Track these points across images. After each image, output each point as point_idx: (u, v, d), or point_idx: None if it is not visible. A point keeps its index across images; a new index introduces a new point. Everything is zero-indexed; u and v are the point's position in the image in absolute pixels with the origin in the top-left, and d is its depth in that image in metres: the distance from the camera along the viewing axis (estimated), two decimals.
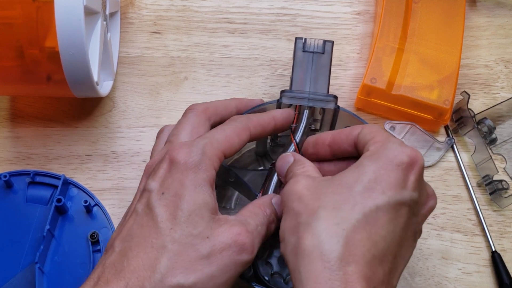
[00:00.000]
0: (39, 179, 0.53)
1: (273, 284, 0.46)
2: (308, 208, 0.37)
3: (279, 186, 0.45)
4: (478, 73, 0.59)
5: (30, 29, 0.47)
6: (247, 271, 0.44)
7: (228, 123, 0.45)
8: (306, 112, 0.47)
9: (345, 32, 0.61)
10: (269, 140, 0.52)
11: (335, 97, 0.48)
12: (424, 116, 0.55)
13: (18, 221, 0.51)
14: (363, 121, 0.48)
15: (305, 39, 0.49)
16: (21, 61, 0.48)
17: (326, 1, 0.62)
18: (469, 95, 0.55)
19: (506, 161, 0.56)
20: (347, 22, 0.61)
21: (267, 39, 0.60)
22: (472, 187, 0.55)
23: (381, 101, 0.56)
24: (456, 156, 0.56)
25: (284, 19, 0.61)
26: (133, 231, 0.39)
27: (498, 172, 0.54)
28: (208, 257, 0.38)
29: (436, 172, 0.56)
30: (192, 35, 0.60)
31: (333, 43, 0.49)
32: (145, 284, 0.37)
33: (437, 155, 0.56)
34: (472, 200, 0.55)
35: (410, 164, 0.38)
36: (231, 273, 0.39)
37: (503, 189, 0.54)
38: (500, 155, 0.57)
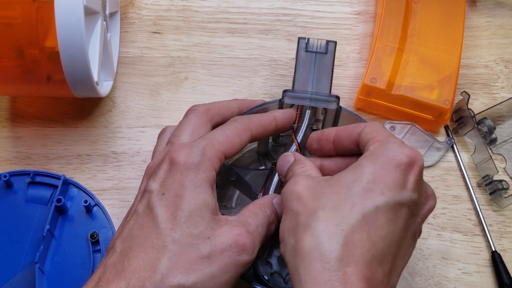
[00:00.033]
0: (39, 179, 0.53)
1: (272, 284, 0.46)
2: (308, 209, 0.37)
3: (280, 186, 0.45)
4: (478, 73, 0.59)
5: (30, 29, 0.47)
6: (247, 271, 0.44)
7: (229, 124, 0.45)
8: (308, 112, 0.47)
9: (345, 32, 0.61)
10: (270, 140, 0.52)
11: (338, 98, 0.47)
12: (424, 116, 0.55)
13: (18, 221, 0.51)
14: (364, 122, 0.48)
15: (308, 39, 0.49)
16: (21, 61, 0.48)
17: (326, 1, 0.62)
18: (469, 95, 0.55)
19: (506, 161, 0.56)
20: (347, 22, 0.61)
21: (267, 39, 0.60)
22: (472, 187, 0.55)
23: (381, 101, 0.56)
24: (456, 156, 0.56)
25: (284, 19, 0.61)
26: (133, 231, 0.39)
27: (498, 172, 0.54)
28: (209, 257, 0.38)
29: (436, 172, 0.56)
30: (192, 35, 0.60)
31: (336, 43, 0.49)
32: (145, 284, 0.37)
33: (437, 155, 0.56)
34: (472, 200, 0.55)
35: (409, 165, 0.38)
36: (231, 273, 0.39)
37: (503, 189, 0.54)
38: (500, 155, 0.57)
